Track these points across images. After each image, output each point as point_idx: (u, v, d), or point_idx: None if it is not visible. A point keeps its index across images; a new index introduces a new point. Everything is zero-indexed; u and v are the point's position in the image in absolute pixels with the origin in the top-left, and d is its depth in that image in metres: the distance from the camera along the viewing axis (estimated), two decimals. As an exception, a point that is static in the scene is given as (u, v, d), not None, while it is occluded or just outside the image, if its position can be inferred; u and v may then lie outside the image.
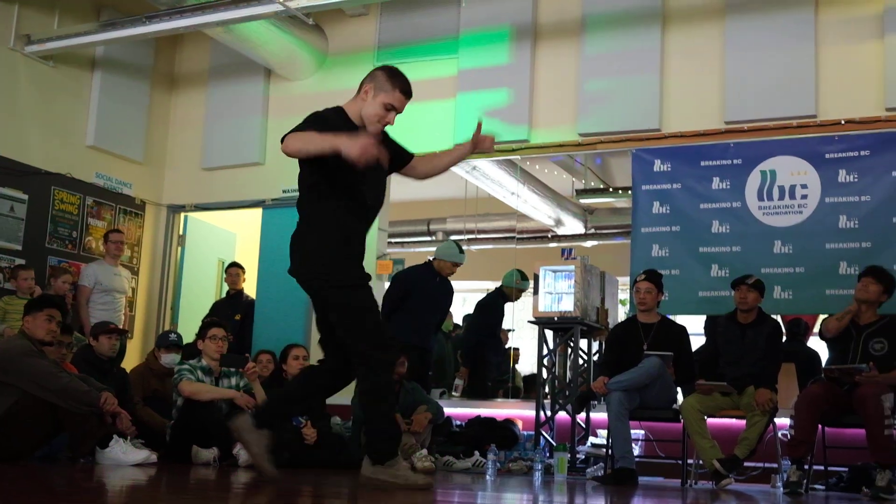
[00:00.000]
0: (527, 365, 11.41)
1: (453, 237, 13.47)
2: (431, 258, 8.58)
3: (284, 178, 9.71)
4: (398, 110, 4.73)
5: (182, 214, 10.46)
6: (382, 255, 9.41)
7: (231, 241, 10.99)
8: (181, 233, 10.46)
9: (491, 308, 10.05)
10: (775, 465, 6.81)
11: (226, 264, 10.17)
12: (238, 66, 9.99)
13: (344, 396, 7.41)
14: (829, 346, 6.64)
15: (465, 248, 13.26)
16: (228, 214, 10.62)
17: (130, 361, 8.72)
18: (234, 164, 10.08)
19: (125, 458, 5.74)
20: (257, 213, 9.99)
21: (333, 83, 9.78)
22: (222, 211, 10.44)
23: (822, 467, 6.80)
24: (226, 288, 10.02)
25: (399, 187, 9.97)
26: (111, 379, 6.58)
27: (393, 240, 11.27)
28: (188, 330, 8.46)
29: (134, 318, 9.90)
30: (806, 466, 6.28)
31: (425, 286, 8.24)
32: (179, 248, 10.43)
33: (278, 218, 9.75)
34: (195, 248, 10.54)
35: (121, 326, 8.04)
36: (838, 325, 6.43)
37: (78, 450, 5.80)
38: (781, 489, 6.32)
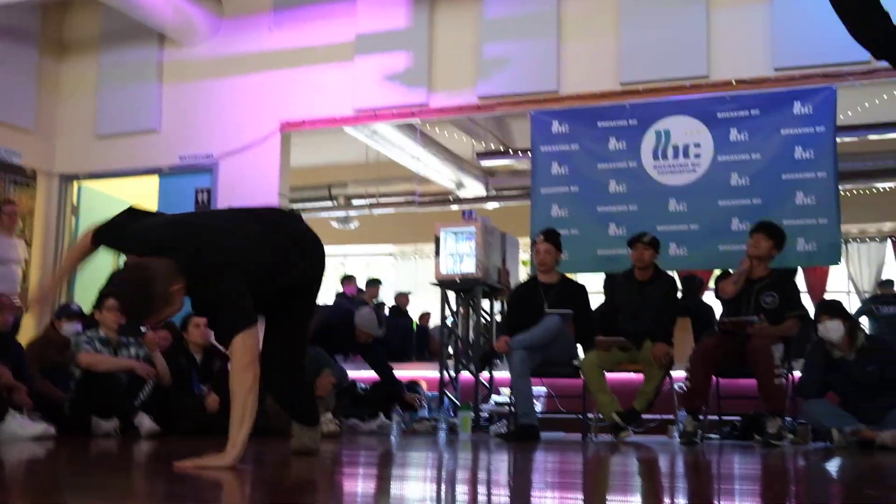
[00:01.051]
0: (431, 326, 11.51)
1: (353, 211, 13.25)
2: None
3: (181, 144, 9.56)
4: None
5: (76, 184, 10.18)
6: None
7: (127, 211, 10.74)
8: (75, 203, 10.20)
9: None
10: (672, 417, 7.01)
11: (123, 234, 9.94)
12: (130, 31, 9.74)
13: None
14: (723, 301, 6.85)
15: (367, 212, 13.34)
16: (124, 184, 10.38)
17: (25, 333, 8.50)
18: (128, 132, 9.85)
19: (22, 431, 5.62)
20: (154, 180, 9.80)
21: (229, 48, 9.62)
22: (118, 179, 10.20)
23: (716, 417, 7.04)
24: (123, 258, 9.80)
25: (299, 152, 9.94)
26: (5, 352, 6.41)
27: (294, 205, 11.16)
28: (85, 301, 8.29)
29: (28, 290, 9.64)
30: (701, 417, 6.49)
31: (337, 335, 7.80)
32: (74, 219, 10.18)
33: (175, 186, 9.60)
34: (90, 218, 10.20)
35: (17, 298, 7.83)
36: (735, 288, 6.62)
37: (-28, 425, 5.66)
38: (678, 439, 6.51)
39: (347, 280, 12.66)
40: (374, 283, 12.51)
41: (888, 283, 11.75)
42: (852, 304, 12.39)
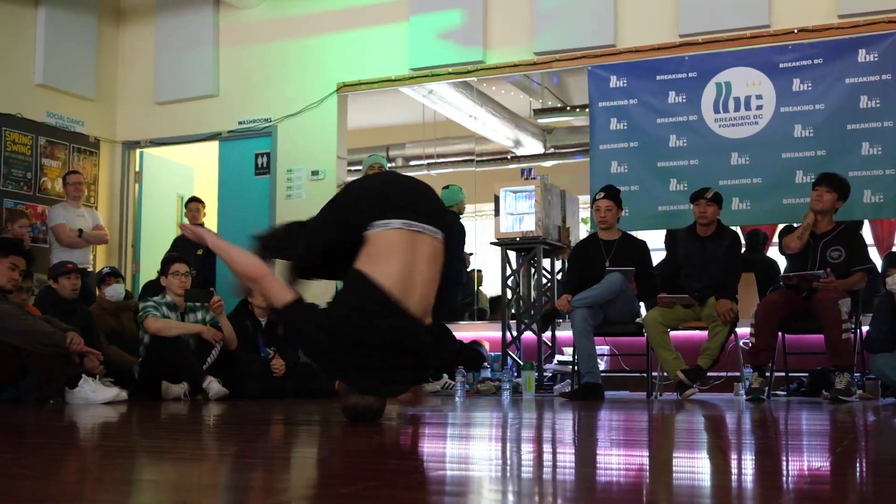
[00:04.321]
0: (491, 286, 11.48)
1: (412, 172, 13.39)
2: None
3: (239, 109, 9.62)
4: None
5: (137, 150, 10.33)
6: (342, 184, 9.37)
7: (189, 176, 10.89)
8: (137, 169, 10.33)
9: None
10: (737, 374, 6.96)
11: (185, 199, 10.07)
12: (186, -4, 9.81)
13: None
14: (788, 256, 6.75)
15: (425, 172, 13.33)
16: (185, 149, 10.50)
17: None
18: (187, 98, 9.94)
19: (95, 396, 5.75)
20: (214, 146, 9.90)
21: (285, 10, 9.63)
22: (179, 145, 10.32)
23: (782, 373, 6.97)
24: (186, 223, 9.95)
25: (356, 114, 9.95)
26: (76, 319, 6.55)
27: (352, 168, 11.20)
28: (150, 267, 8.43)
29: (95, 257, 9.83)
30: (767, 373, 6.42)
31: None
32: (137, 185, 10.32)
33: (235, 150, 9.69)
34: (153, 184, 10.43)
35: (90, 266, 8.00)
36: (800, 243, 6.50)
37: (45, 391, 5.80)
38: (744, 396, 6.45)
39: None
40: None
41: None
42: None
